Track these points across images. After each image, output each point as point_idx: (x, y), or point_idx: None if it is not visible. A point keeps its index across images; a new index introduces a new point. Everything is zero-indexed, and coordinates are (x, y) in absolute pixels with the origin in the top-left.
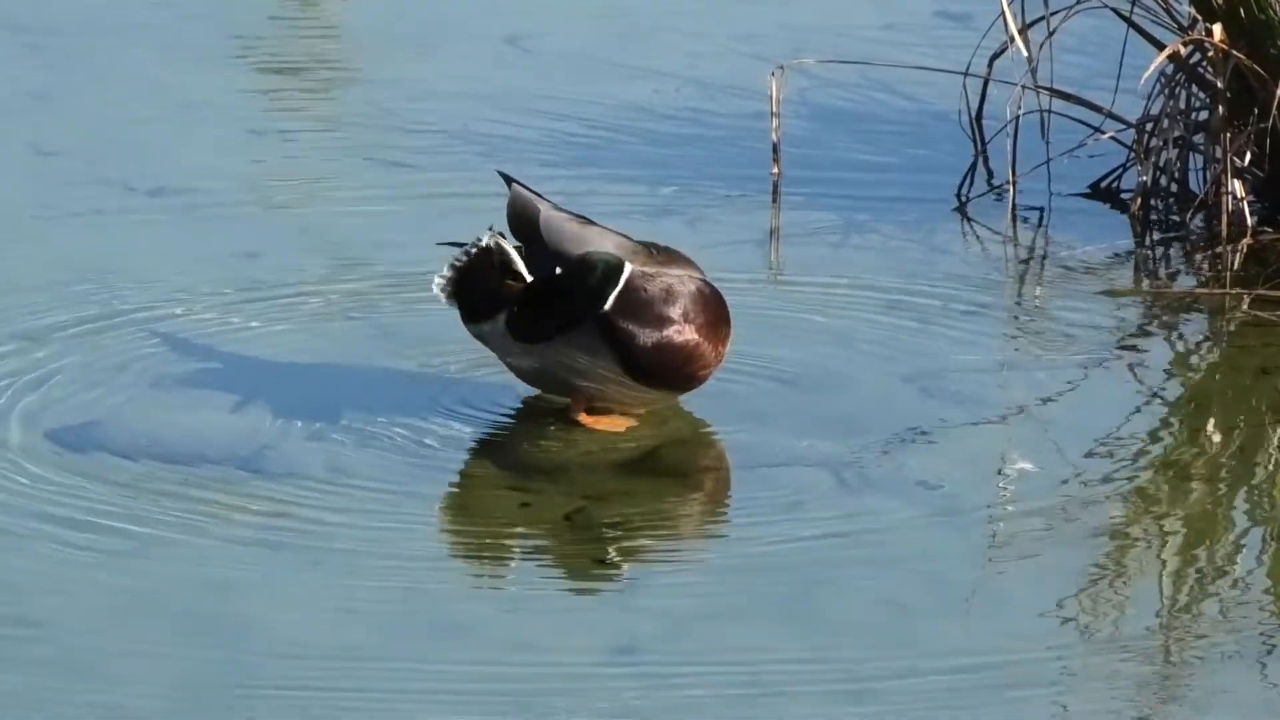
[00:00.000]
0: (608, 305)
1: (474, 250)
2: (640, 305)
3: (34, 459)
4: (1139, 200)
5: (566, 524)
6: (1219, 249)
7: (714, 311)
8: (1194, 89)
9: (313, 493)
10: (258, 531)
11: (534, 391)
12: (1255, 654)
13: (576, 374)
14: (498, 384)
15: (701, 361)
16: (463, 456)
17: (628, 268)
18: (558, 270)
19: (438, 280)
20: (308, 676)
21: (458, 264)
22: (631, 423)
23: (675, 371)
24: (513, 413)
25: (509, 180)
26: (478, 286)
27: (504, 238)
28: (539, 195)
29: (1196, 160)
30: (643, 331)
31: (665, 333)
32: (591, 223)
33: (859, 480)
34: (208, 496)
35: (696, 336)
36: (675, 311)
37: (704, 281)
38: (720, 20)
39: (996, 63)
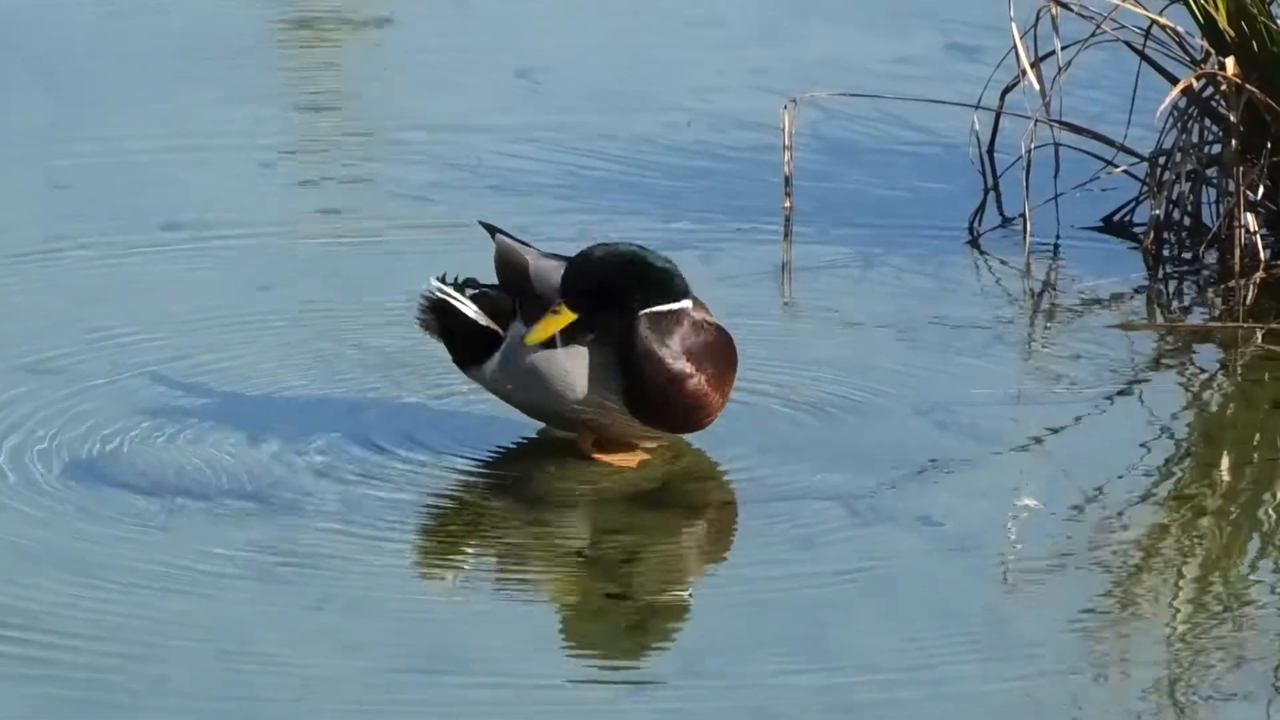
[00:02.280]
0: (646, 309)
1: (425, 303)
2: (659, 342)
3: (43, 493)
4: (1152, 234)
5: (578, 558)
6: (1232, 283)
7: (725, 360)
8: (1207, 122)
9: (322, 527)
10: (267, 566)
11: (543, 425)
12: (1266, 689)
13: (578, 406)
14: (507, 418)
15: (706, 410)
16: (473, 490)
17: (688, 303)
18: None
19: (417, 318)
20: (318, 711)
21: (422, 317)
22: (644, 456)
23: (680, 415)
24: (523, 447)
25: (493, 231)
26: (461, 334)
27: (443, 283)
28: (525, 244)
29: (1209, 194)
30: (655, 370)
31: (676, 377)
32: None
33: (871, 513)
34: (217, 532)
35: (706, 387)
36: (691, 358)
37: (719, 328)
38: (732, 53)
39: (1008, 96)
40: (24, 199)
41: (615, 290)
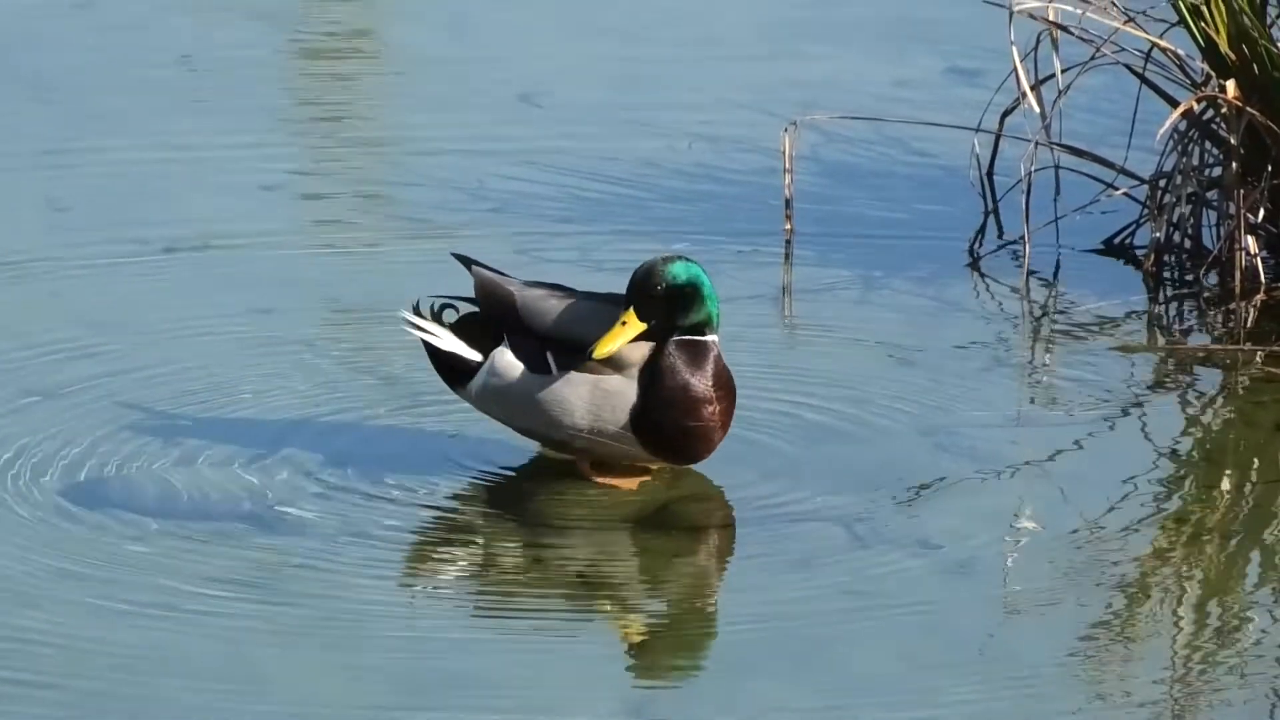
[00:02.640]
0: (681, 335)
1: (412, 333)
2: (687, 368)
3: (46, 515)
4: (1152, 256)
5: (578, 580)
6: (1232, 305)
7: (732, 401)
8: (1207, 145)
9: (324, 549)
10: (269, 588)
11: (538, 445)
12: (1267, 710)
13: (573, 431)
14: (508, 440)
15: (708, 444)
16: (474, 512)
17: (716, 338)
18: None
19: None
20: None
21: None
22: (644, 478)
23: (685, 443)
24: (524, 469)
25: (468, 263)
26: (441, 359)
27: (418, 311)
28: (504, 274)
29: (1210, 216)
30: (675, 394)
31: (694, 403)
32: (573, 292)
33: (871, 535)
34: (219, 554)
35: (717, 420)
36: (711, 390)
37: (729, 370)
38: (732, 76)
39: (1008, 119)
40: (25, 221)
41: (678, 305)
